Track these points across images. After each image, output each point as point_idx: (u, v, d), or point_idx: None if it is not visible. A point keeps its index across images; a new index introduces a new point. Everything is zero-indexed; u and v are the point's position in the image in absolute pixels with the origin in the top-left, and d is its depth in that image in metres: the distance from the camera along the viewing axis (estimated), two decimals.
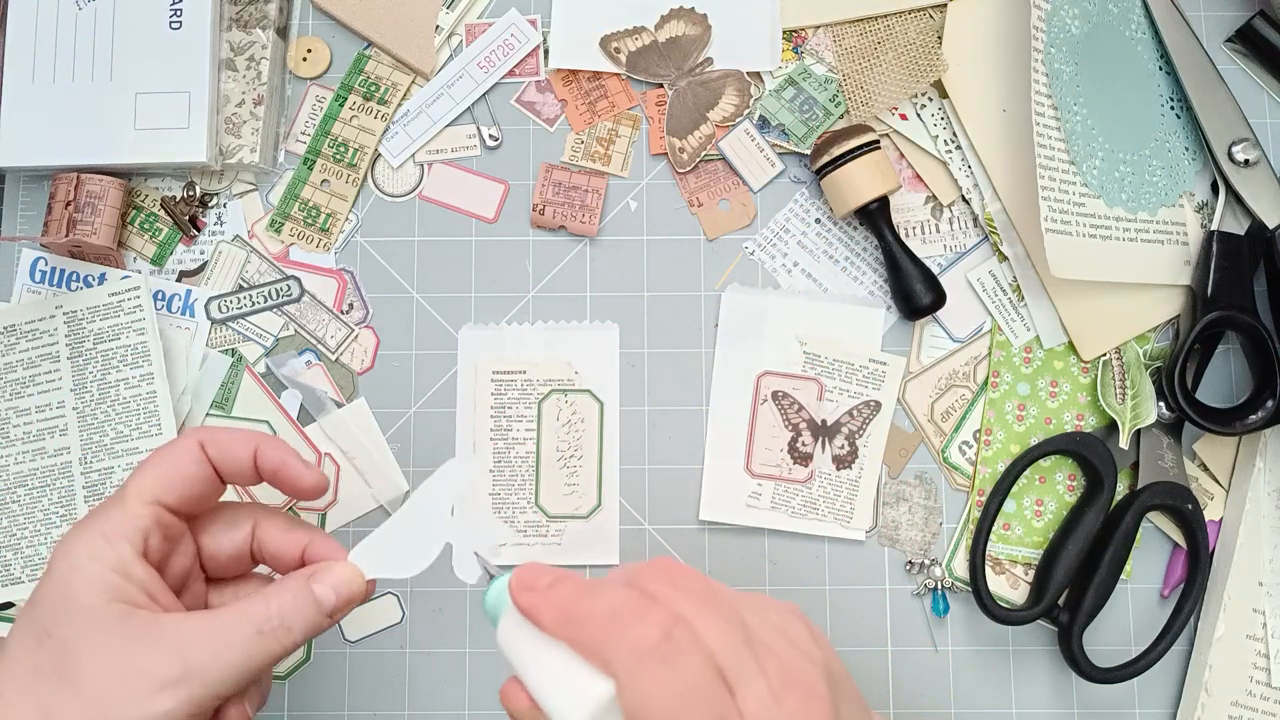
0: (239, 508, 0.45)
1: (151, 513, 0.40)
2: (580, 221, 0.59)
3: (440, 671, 0.56)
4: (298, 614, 0.40)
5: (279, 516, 0.44)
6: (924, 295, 0.56)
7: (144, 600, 0.39)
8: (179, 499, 0.41)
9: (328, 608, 0.41)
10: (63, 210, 0.56)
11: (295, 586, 0.41)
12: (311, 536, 0.44)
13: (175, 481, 0.41)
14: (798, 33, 0.60)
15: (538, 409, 0.58)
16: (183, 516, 0.42)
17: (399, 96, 0.60)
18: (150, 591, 0.39)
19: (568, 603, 0.36)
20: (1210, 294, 0.55)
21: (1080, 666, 0.54)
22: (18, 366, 0.57)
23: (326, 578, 0.41)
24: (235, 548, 0.44)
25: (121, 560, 0.39)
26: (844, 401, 0.57)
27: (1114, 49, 0.59)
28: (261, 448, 0.42)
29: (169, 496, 0.41)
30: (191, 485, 0.41)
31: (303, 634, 0.40)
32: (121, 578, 0.39)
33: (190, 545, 0.43)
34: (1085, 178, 0.57)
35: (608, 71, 0.60)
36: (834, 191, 0.56)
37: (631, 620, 0.34)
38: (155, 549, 0.40)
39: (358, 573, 0.42)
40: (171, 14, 0.58)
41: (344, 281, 0.59)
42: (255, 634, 0.39)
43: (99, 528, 0.40)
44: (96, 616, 0.38)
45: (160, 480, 0.41)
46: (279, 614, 0.40)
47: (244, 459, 0.42)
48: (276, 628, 0.40)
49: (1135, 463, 0.56)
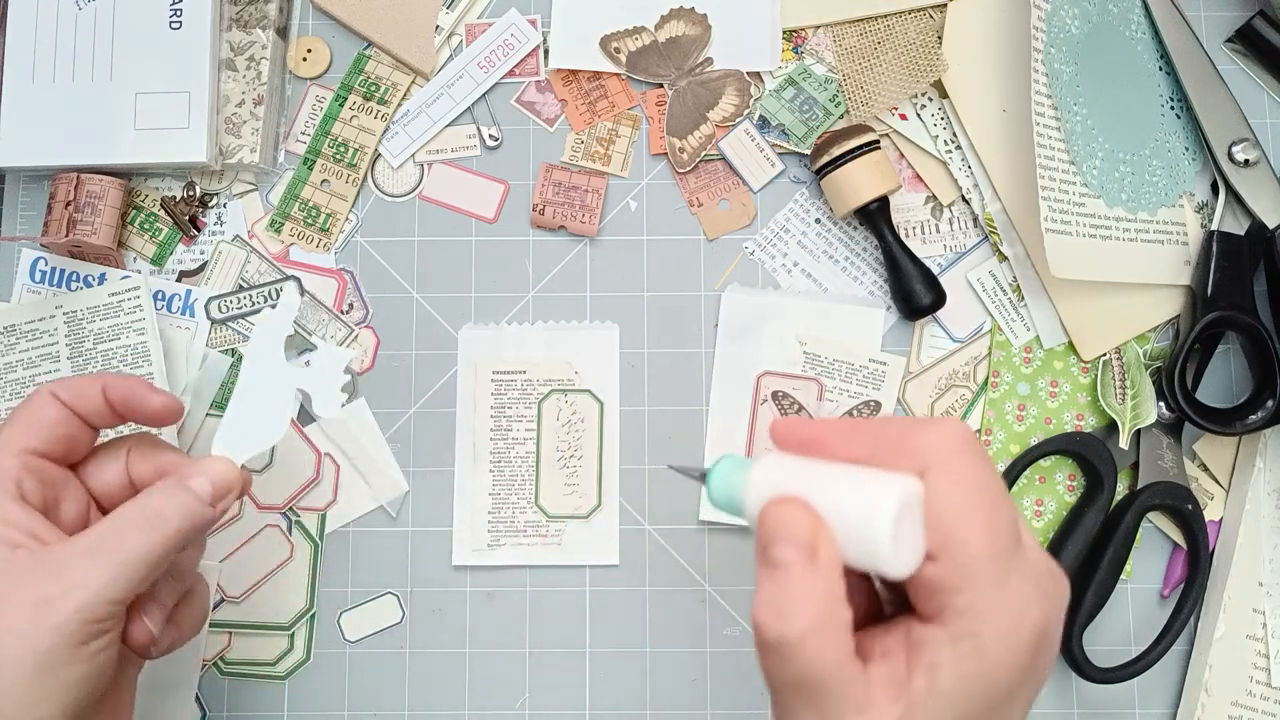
0: (112, 443, 0.46)
1: (19, 461, 0.42)
2: (580, 221, 0.59)
3: (440, 671, 0.56)
4: (170, 502, 0.41)
5: (149, 441, 0.46)
6: (924, 295, 0.56)
7: (25, 540, 0.40)
8: (44, 442, 0.42)
9: (205, 495, 0.42)
10: (63, 210, 0.56)
11: (167, 482, 0.42)
12: (176, 458, 0.45)
13: (34, 426, 0.43)
14: (798, 33, 0.60)
15: (538, 409, 0.58)
16: (60, 462, 0.43)
17: (399, 96, 0.60)
18: (33, 533, 0.41)
19: (852, 422, 0.35)
20: (1210, 294, 0.55)
21: (1080, 666, 0.54)
22: (18, 366, 0.57)
23: (197, 471, 0.43)
24: (116, 478, 0.45)
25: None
26: (844, 401, 0.57)
27: (1114, 49, 0.59)
28: (109, 381, 0.44)
29: (33, 441, 0.42)
30: (53, 428, 0.43)
31: (180, 521, 0.41)
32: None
33: (79, 491, 0.44)
34: (1085, 178, 0.57)
35: (608, 71, 0.60)
36: (834, 191, 0.56)
37: (936, 424, 0.34)
38: (32, 492, 0.42)
39: (228, 461, 0.44)
40: (171, 14, 0.58)
41: (344, 281, 0.59)
42: (130, 530, 0.40)
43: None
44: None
45: (20, 430, 0.42)
46: (150, 506, 0.41)
47: (94, 395, 0.44)
48: (151, 515, 0.41)
49: (1135, 463, 0.56)
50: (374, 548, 0.57)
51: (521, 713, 0.56)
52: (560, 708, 0.56)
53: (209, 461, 0.44)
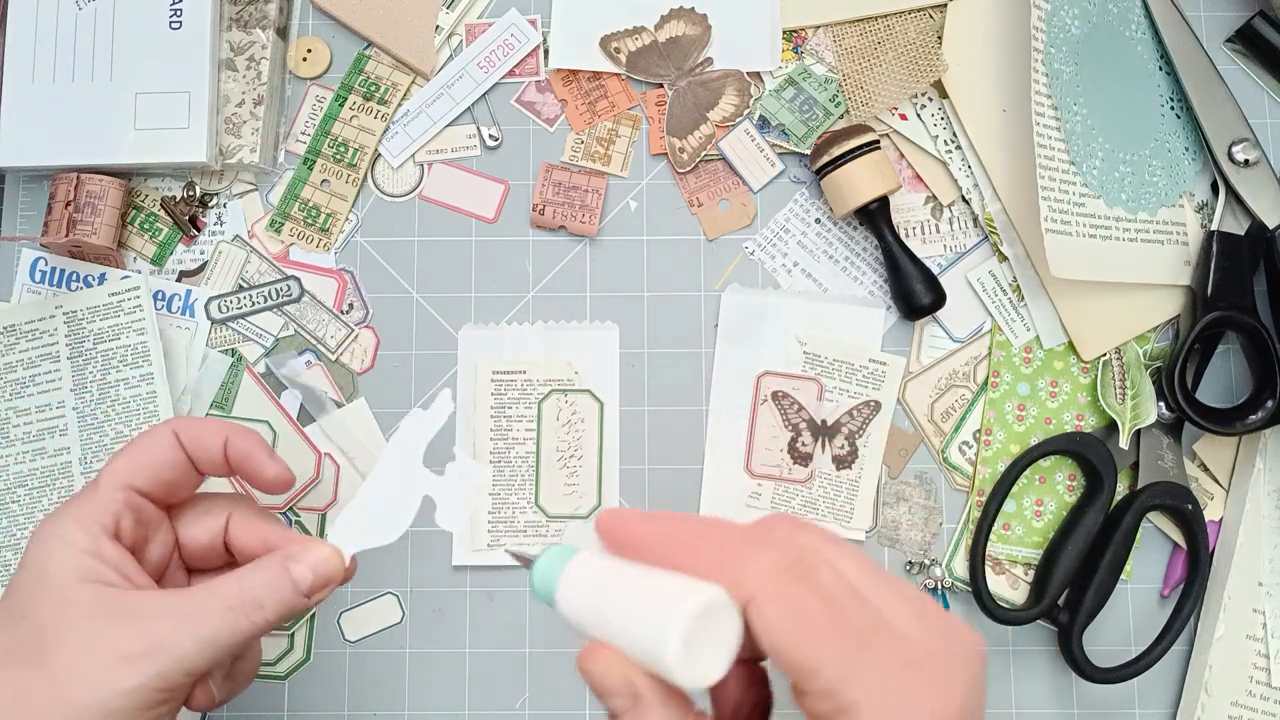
0: (215, 498, 0.45)
1: (123, 497, 0.41)
2: (580, 221, 0.59)
3: (440, 671, 0.56)
4: (270, 591, 0.40)
5: (253, 508, 0.44)
6: (924, 295, 0.56)
7: (116, 579, 0.39)
8: (151, 483, 0.41)
9: (304, 587, 0.40)
10: (63, 210, 0.56)
11: (269, 564, 0.41)
12: (280, 533, 0.43)
13: (147, 467, 0.41)
14: (798, 33, 0.60)
15: (538, 409, 0.58)
16: (159, 503, 0.42)
17: (399, 96, 0.60)
18: (123, 571, 0.40)
19: (675, 526, 0.34)
20: (1210, 294, 0.55)
21: (1080, 666, 0.54)
22: (18, 366, 0.57)
23: (304, 557, 0.41)
24: (210, 537, 0.44)
25: (93, 541, 0.39)
26: (844, 401, 0.57)
27: (1114, 49, 0.59)
28: (231, 437, 0.43)
29: (140, 480, 0.41)
30: (163, 470, 0.42)
31: (275, 611, 0.40)
32: (93, 558, 0.39)
33: (169, 534, 0.43)
34: (1085, 178, 0.57)
35: (608, 71, 0.60)
36: (834, 191, 0.56)
37: (759, 547, 0.32)
38: (128, 531, 0.41)
39: (335, 552, 0.42)
40: (171, 14, 0.58)
41: (344, 281, 0.59)
42: (225, 610, 0.39)
43: (72, 512, 0.40)
44: (68, 597, 0.38)
45: (132, 465, 0.41)
46: (250, 590, 0.40)
47: (215, 446, 0.43)
48: (248, 603, 0.39)
49: (1135, 463, 0.56)
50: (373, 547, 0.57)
51: (521, 713, 0.56)
52: (560, 708, 0.56)
53: (316, 547, 0.41)
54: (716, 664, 0.31)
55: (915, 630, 0.31)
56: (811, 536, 0.33)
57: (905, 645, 0.31)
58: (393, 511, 0.42)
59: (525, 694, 0.56)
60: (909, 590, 0.33)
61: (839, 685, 0.30)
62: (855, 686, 0.30)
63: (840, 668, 0.30)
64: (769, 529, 0.34)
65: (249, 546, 0.43)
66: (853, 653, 0.30)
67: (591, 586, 0.34)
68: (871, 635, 0.31)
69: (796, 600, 0.31)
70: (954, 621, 0.33)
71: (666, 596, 0.32)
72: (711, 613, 0.31)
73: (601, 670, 0.33)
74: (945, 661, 0.31)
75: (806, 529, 0.34)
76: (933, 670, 0.31)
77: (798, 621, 0.31)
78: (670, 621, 0.30)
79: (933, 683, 0.31)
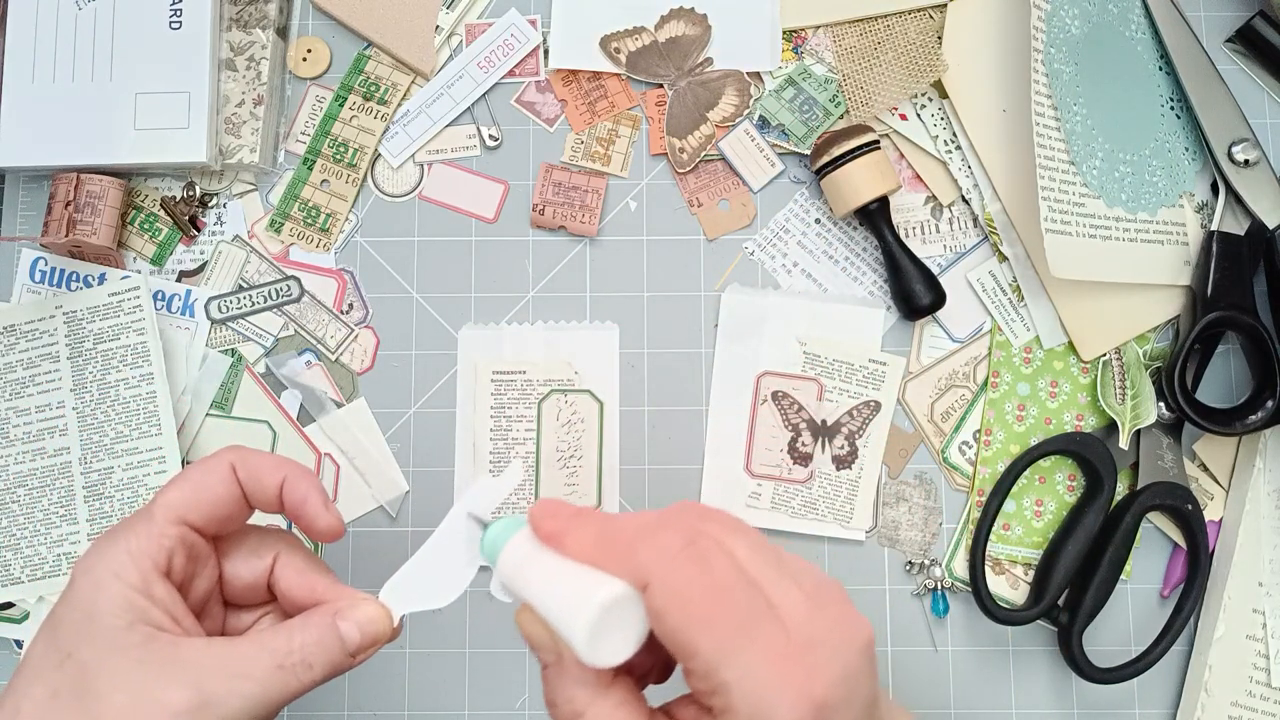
0: (264, 535, 0.43)
1: (177, 532, 0.39)
2: (580, 221, 0.59)
3: (440, 671, 0.56)
4: (320, 651, 0.39)
5: (301, 553, 0.43)
6: (924, 295, 0.56)
7: (166, 623, 0.38)
8: (206, 519, 0.40)
9: (352, 646, 0.40)
10: (63, 210, 0.56)
11: (320, 621, 0.40)
12: (328, 585, 0.42)
13: (203, 502, 0.40)
14: (798, 33, 0.60)
15: (538, 409, 0.58)
16: (208, 537, 0.41)
17: (399, 96, 0.60)
18: (172, 613, 0.38)
19: (594, 525, 0.36)
20: (1210, 294, 0.55)
21: (1080, 667, 0.54)
22: (18, 366, 0.57)
23: (353, 615, 0.40)
24: (255, 576, 0.42)
25: (146, 580, 0.38)
26: (844, 402, 0.57)
27: (1114, 49, 0.59)
28: (290, 479, 0.41)
29: (196, 516, 0.40)
30: (219, 506, 0.40)
31: (323, 672, 0.39)
32: (145, 599, 0.38)
33: (214, 568, 0.42)
34: (1085, 178, 0.57)
35: (608, 71, 0.60)
36: (834, 191, 0.56)
37: (658, 530, 0.35)
38: (179, 569, 0.39)
39: (386, 612, 0.41)
40: (171, 14, 0.58)
41: (344, 281, 0.59)
42: (275, 668, 0.38)
43: (125, 544, 0.39)
44: (118, 640, 0.37)
45: (188, 499, 0.40)
46: (301, 649, 0.39)
47: (271, 487, 0.41)
48: (297, 663, 0.38)
49: (1135, 463, 0.56)
50: (374, 548, 0.57)
51: (521, 713, 0.56)
52: None
53: (365, 605, 0.40)
54: (623, 648, 0.34)
55: (800, 614, 0.33)
56: (710, 522, 0.35)
57: (785, 630, 0.33)
58: (449, 575, 0.41)
59: (525, 694, 0.56)
60: (805, 574, 0.35)
61: (714, 667, 0.32)
62: (728, 669, 0.32)
63: (716, 651, 0.32)
64: (674, 515, 0.36)
65: (295, 593, 0.42)
66: (730, 638, 0.32)
67: (525, 561, 0.37)
68: (753, 620, 0.33)
69: (684, 584, 0.33)
70: (845, 606, 0.34)
71: (581, 587, 0.34)
72: (618, 604, 0.34)
73: (530, 630, 0.37)
74: (825, 647, 0.33)
75: (707, 514, 0.36)
76: (810, 655, 0.32)
77: (683, 605, 0.33)
78: (580, 612, 0.34)
79: (806, 668, 0.32)
